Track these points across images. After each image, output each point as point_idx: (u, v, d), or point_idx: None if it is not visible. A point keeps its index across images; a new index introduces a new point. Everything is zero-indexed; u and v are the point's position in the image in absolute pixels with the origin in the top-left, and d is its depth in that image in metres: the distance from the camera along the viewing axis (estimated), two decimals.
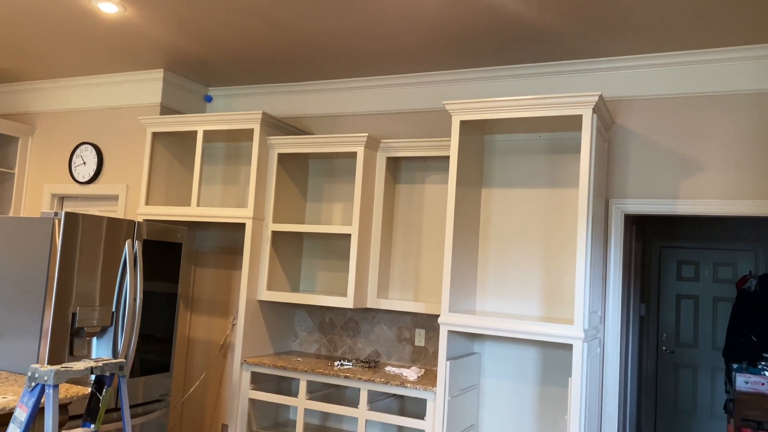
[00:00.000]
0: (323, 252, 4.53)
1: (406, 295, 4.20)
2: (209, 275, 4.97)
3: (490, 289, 3.88)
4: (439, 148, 3.93)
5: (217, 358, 4.85)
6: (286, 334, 4.52)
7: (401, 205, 4.28)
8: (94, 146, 5.03)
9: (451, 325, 3.45)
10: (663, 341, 6.73)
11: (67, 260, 3.09)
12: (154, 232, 3.61)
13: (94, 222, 3.23)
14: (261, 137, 4.21)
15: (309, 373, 3.82)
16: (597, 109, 3.30)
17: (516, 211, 3.88)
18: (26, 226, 3.13)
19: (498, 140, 3.97)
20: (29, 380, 2.04)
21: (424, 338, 4.16)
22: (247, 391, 4.02)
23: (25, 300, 3.07)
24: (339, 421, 4.33)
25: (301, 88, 4.77)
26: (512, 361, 3.83)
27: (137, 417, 3.48)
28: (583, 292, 3.16)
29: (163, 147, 4.66)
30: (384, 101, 4.51)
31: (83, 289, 3.18)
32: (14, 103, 5.47)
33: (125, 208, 4.82)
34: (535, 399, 3.74)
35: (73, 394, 2.57)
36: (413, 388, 3.52)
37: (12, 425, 2.03)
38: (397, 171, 4.31)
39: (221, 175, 4.92)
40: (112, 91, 5.02)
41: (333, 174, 4.55)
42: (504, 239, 3.89)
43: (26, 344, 3.03)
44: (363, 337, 4.36)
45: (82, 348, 3.17)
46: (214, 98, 5.15)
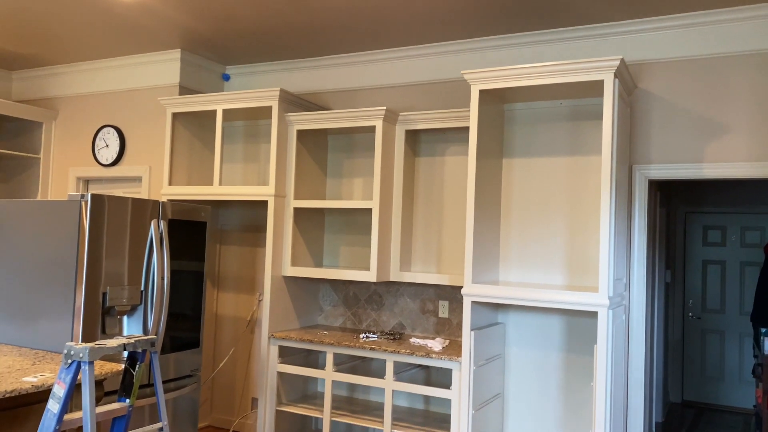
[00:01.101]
0: (345, 227, 4.56)
1: (428, 268, 4.22)
2: (234, 253, 5.03)
3: (513, 260, 3.88)
4: (459, 119, 3.90)
5: (244, 333, 4.93)
6: (312, 308, 4.58)
7: (421, 178, 4.27)
8: (116, 129, 5.08)
9: (475, 296, 3.47)
10: (689, 307, 6.68)
11: (95, 241, 3.15)
12: (179, 211, 3.65)
13: (119, 203, 3.28)
14: (279, 114, 4.22)
15: (335, 346, 3.87)
16: (618, 73, 3.24)
17: (538, 180, 3.85)
18: (54, 209, 3.19)
19: (518, 109, 3.92)
20: (65, 358, 2.11)
21: (447, 310, 4.19)
22: (275, 365, 4.10)
23: (57, 281, 3.14)
24: (366, 393, 4.39)
25: (318, 63, 4.75)
26: (537, 330, 3.84)
27: (169, 392, 3.57)
28: (607, 260, 3.14)
29: (183, 127, 4.69)
30: (402, 73, 4.47)
31: (112, 269, 3.24)
32: (37, 89, 5.54)
33: (149, 189, 4.89)
34: (560, 367, 3.76)
35: (107, 371, 2.65)
36: (438, 358, 3.55)
37: (51, 401, 2.10)
38: (416, 144, 4.29)
39: (242, 154, 4.95)
40: (131, 73, 5.05)
41: (352, 149, 4.54)
42: (526, 209, 3.87)
43: (60, 324, 3.12)
44: (387, 310, 4.39)
45: (113, 326, 3.26)
46: (231, 77, 5.16)
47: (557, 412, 3.75)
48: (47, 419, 2.08)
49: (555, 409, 3.75)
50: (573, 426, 3.70)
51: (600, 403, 3.12)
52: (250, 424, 4.87)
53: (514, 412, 3.86)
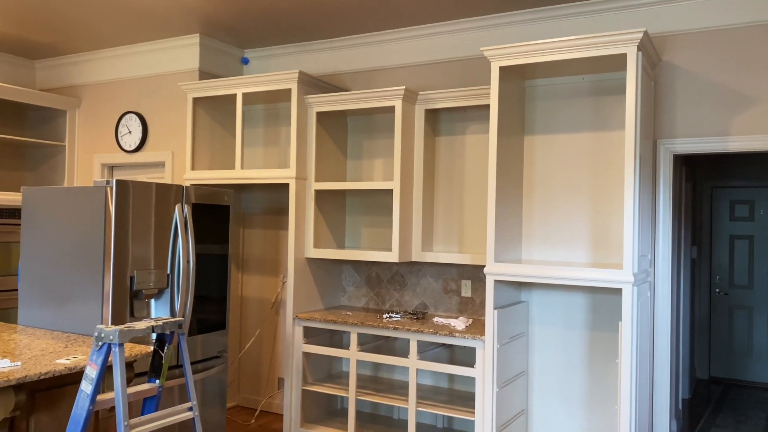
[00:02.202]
0: (366, 208, 4.57)
1: (450, 248, 4.22)
2: (257, 236, 5.08)
3: (536, 238, 3.86)
4: (479, 96, 3.87)
5: (270, 315, 5.00)
6: (335, 289, 4.62)
7: (442, 158, 4.25)
8: (138, 115, 5.13)
9: (497, 275, 3.46)
10: (716, 283, 6.59)
11: (122, 226, 3.21)
12: (202, 195, 3.69)
13: (143, 188, 3.32)
14: (299, 96, 4.22)
15: (359, 326, 3.91)
16: (642, 46, 3.18)
17: (560, 157, 3.81)
18: (80, 196, 3.25)
19: (539, 85, 3.87)
20: (96, 340, 2.16)
21: (470, 289, 4.19)
22: (300, 346, 4.15)
23: (86, 266, 3.21)
24: (390, 372, 4.43)
25: (336, 44, 4.73)
26: (561, 308, 3.82)
27: (198, 373, 3.64)
28: (631, 236, 3.11)
29: (204, 112, 4.72)
30: (420, 52, 4.44)
31: (138, 254, 3.30)
32: (60, 77, 5.61)
33: (172, 174, 4.94)
34: (585, 345, 3.75)
35: (137, 353, 2.71)
36: (462, 337, 3.56)
37: (84, 382, 2.16)
38: (436, 123, 4.27)
39: (262, 137, 4.97)
40: (152, 59, 5.08)
41: (372, 130, 4.54)
42: (549, 186, 3.84)
43: (90, 308, 3.19)
44: (410, 290, 4.41)
45: (141, 309, 3.32)
46: (250, 60, 5.17)
47: (582, 389, 3.75)
48: (81, 399, 2.14)
49: (580, 387, 3.75)
50: (598, 403, 3.70)
51: (625, 379, 3.11)
52: (276, 404, 4.95)
53: (539, 389, 3.86)
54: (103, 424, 2.78)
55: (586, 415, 3.74)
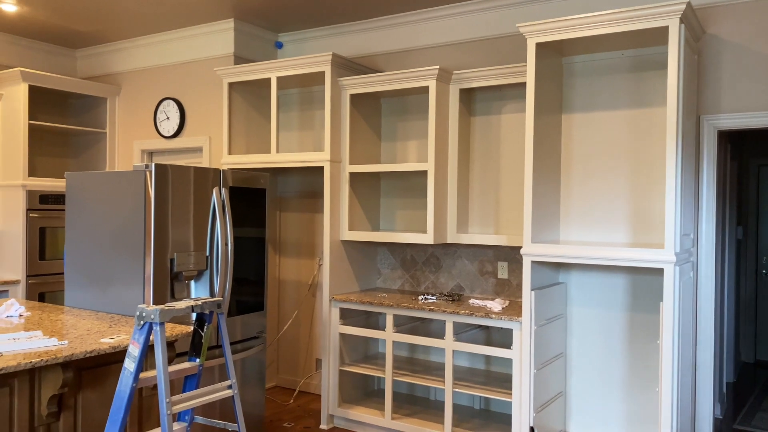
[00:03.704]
0: (401, 190, 4.55)
1: (486, 229, 4.18)
2: (294, 219, 5.13)
3: (574, 218, 3.79)
4: (515, 74, 3.80)
5: (306, 297, 5.05)
6: (370, 271, 4.63)
7: (477, 138, 4.20)
8: (175, 101, 5.21)
9: (535, 256, 3.42)
10: (763, 264, 6.39)
11: (161, 209, 3.27)
12: (239, 179, 3.74)
13: (182, 172, 3.38)
14: (332, 79, 4.21)
15: (394, 308, 3.92)
16: (685, 18, 3.06)
17: (599, 135, 3.73)
18: (121, 180, 3.32)
19: (577, 62, 3.78)
20: (138, 319, 2.21)
21: (507, 270, 4.15)
22: (337, 327, 4.19)
23: (128, 249, 3.29)
24: (426, 353, 4.44)
25: (369, 25, 4.70)
26: (600, 289, 3.76)
27: (237, 353, 3.71)
28: (673, 215, 3.03)
29: (240, 97, 4.76)
30: (454, 31, 4.38)
31: (178, 236, 3.37)
32: (99, 65, 5.73)
33: (209, 158, 5.01)
34: (624, 326, 3.68)
35: (178, 333, 2.77)
36: (498, 318, 3.54)
37: (127, 360, 2.22)
38: (471, 103, 4.21)
39: (297, 121, 5.00)
40: (188, 45, 5.14)
41: (406, 111, 4.51)
42: (587, 165, 3.76)
43: (132, 289, 3.27)
44: (445, 272, 4.40)
45: (182, 291, 3.39)
46: (284, 44, 5.18)
47: (622, 371, 3.69)
48: (125, 377, 2.21)
49: (620, 369, 3.69)
50: (638, 385, 3.64)
51: (666, 361, 3.05)
52: (314, 384, 5.02)
53: (578, 371, 3.82)
54: (147, 401, 2.86)
55: (626, 398, 3.68)
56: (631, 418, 3.67)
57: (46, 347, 2.39)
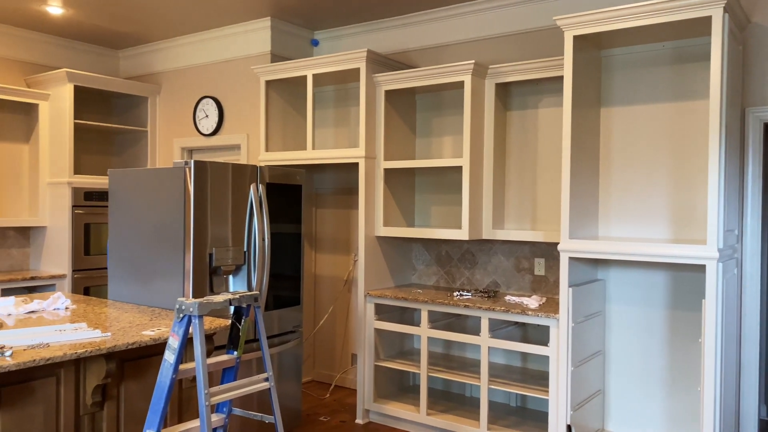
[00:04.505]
0: (436, 186, 4.54)
1: (523, 225, 4.14)
2: (329, 215, 5.17)
3: (613, 214, 3.72)
4: (552, 68, 3.75)
5: (342, 292, 5.09)
6: (405, 267, 4.64)
7: (513, 133, 4.16)
8: (214, 99, 5.30)
9: (572, 252, 3.37)
10: None
11: (200, 205, 3.34)
12: (275, 175, 3.79)
13: (220, 169, 3.44)
14: (367, 76, 4.23)
15: (429, 303, 3.91)
16: (729, 8, 2.97)
17: (639, 129, 3.65)
18: (162, 177, 3.40)
19: (616, 54, 3.71)
20: (177, 312, 2.27)
21: (544, 267, 4.11)
22: (372, 322, 4.21)
23: (169, 243, 3.37)
24: (462, 350, 4.43)
25: (404, 21, 4.70)
26: (640, 286, 3.68)
27: (274, 347, 3.76)
28: (716, 210, 2.95)
29: (276, 94, 4.82)
30: (490, 25, 4.34)
31: (217, 231, 3.43)
32: (141, 65, 5.87)
33: (247, 155, 5.09)
34: (666, 324, 3.60)
35: (216, 326, 2.83)
36: (535, 315, 3.51)
37: (167, 352, 2.27)
38: (507, 97, 4.17)
39: (333, 118, 5.03)
40: (226, 44, 5.23)
41: (441, 107, 4.49)
42: (627, 160, 3.68)
43: (173, 283, 3.35)
44: (480, 269, 4.37)
45: (220, 285, 3.46)
46: (320, 42, 5.22)
47: (663, 370, 3.61)
48: (165, 368, 2.26)
49: (660, 368, 3.62)
50: (680, 385, 3.56)
51: (709, 360, 2.97)
52: (350, 379, 5.06)
53: (616, 369, 3.75)
54: (186, 393, 2.93)
55: (667, 397, 3.60)
56: (673, 418, 3.59)
57: (91, 339, 2.47)
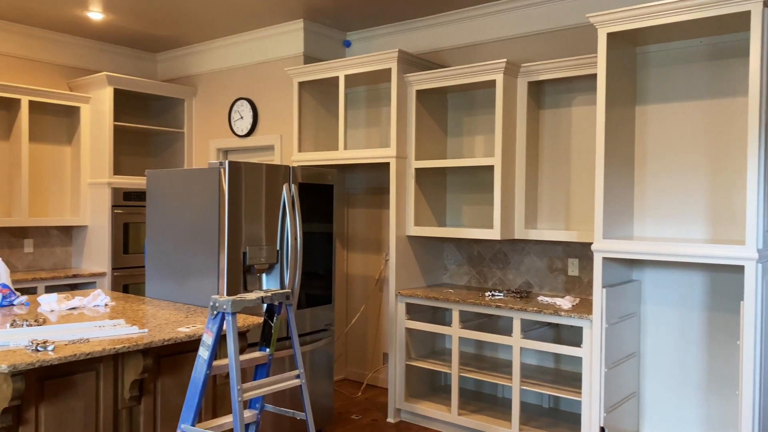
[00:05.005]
0: (467, 186, 4.53)
1: (556, 225, 4.10)
2: (361, 215, 5.20)
3: (649, 214, 3.66)
4: (585, 66, 3.70)
5: (373, 291, 5.11)
6: (436, 267, 4.64)
7: (546, 131, 4.12)
8: (248, 101, 5.39)
9: (606, 252, 3.33)
10: None
11: (235, 205, 3.40)
12: (307, 175, 3.83)
13: (254, 169, 3.50)
14: (398, 76, 4.24)
15: (461, 303, 3.90)
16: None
17: (675, 127, 3.58)
18: (197, 177, 3.47)
19: (652, 51, 3.64)
20: (211, 309, 2.32)
21: (577, 267, 4.06)
22: (403, 322, 4.22)
23: (204, 243, 3.44)
24: (494, 350, 4.40)
25: (435, 21, 4.70)
26: (676, 287, 3.61)
27: (306, 345, 3.81)
28: (755, 209, 2.88)
29: (309, 95, 4.87)
30: (522, 23, 4.31)
31: (250, 231, 3.49)
32: (178, 68, 6.00)
33: (281, 156, 5.15)
34: (702, 326, 3.53)
35: (249, 323, 2.88)
36: (567, 316, 3.47)
37: (202, 348, 2.33)
38: (540, 96, 4.14)
39: (364, 118, 5.06)
40: (259, 46, 5.30)
41: (473, 106, 4.48)
42: (663, 158, 3.62)
43: (208, 281, 3.42)
44: (513, 269, 4.34)
45: (253, 283, 3.52)
46: (352, 42, 5.25)
47: (700, 372, 3.53)
48: (199, 364, 2.32)
49: (697, 370, 3.54)
50: (717, 388, 3.48)
51: (747, 363, 2.90)
52: (382, 378, 5.08)
53: (652, 371, 3.69)
54: (220, 389, 2.99)
55: (704, 401, 3.52)
56: (710, 421, 3.51)
57: (128, 335, 2.54)
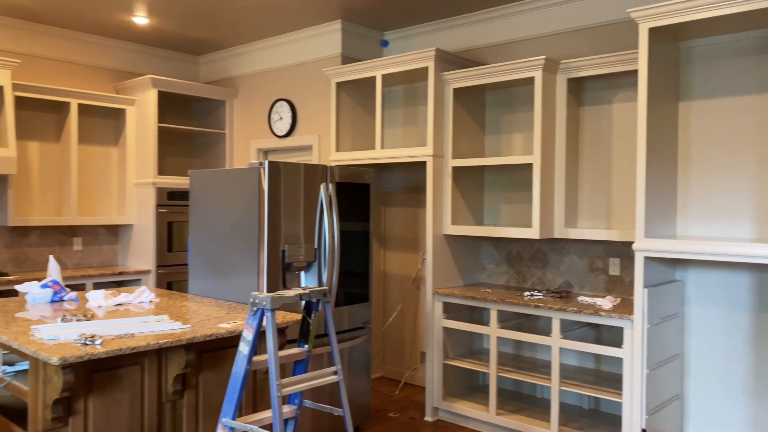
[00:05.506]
0: (506, 184, 4.50)
1: (597, 224, 4.03)
2: (398, 214, 5.21)
3: (693, 212, 3.57)
4: (626, 62, 3.64)
5: (411, 290, 5.12)
6: (474, 266, 4.62)
7: (587, 129, 4.06)
8: (288, 102, 5.46)
9: (648, 251, 3.26)
10: None
11: (274, 204, 3.45)
12: (345, 175, 3.86)
13: (293, 169, 3.55)
14: (435, 74, 4.24)
15: (499, 303, 3.88)
16: None
17: (722, 123, 3.48)
18: (238, 177, 3.54)
19: (696, 45, 3.55)
20: (251, 306, 2.36)
21: (619, 267, 3.99)
22: (440, 321, 4.22)
23: (244, 241, 3.51)
24: (533, 350, 4.36)
25: (473, 18, 4.68)
26: (721, 287, 3.51)
27: (343, 342, 3.84)
28: None
29: (347, 95, 4.91)
30: (561, 19, 4.25)
31: (289, 229, 3.54)
32: (219, 70, 6.12)
33: (319, 156, 5.21)
34: (750, 328, 3.42)
35: (288, 320, 2.93)
36: (608, 316, 3.41)
37: (242, 344, 2.38)
38: (580, 93, 4.08)
39: (401, 117, 5.07)
40: (298, 48, 5.37)
41: (511, 104, 4.44)
42: (708, 155, 3.52)
43: (248, 279, 3.49)
44: (552, 268, 4.29)
45: (292, 281, 3.57)
46: (389, 42, 5.27)
47: (746, 375, 3.43)
48: (239, 360, 2.36)
49: (744, 373, 3.44)
50: (765, 391, 3.37)
51: None
52: (419, 377, 5.08)
53: (696, 374, 3.60)
54: (260, 384, 3.04)
55: (752, 404, 3.42)
56: (758, 426, 3.40)
57: (172, 330, 2.61)
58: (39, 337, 2.42)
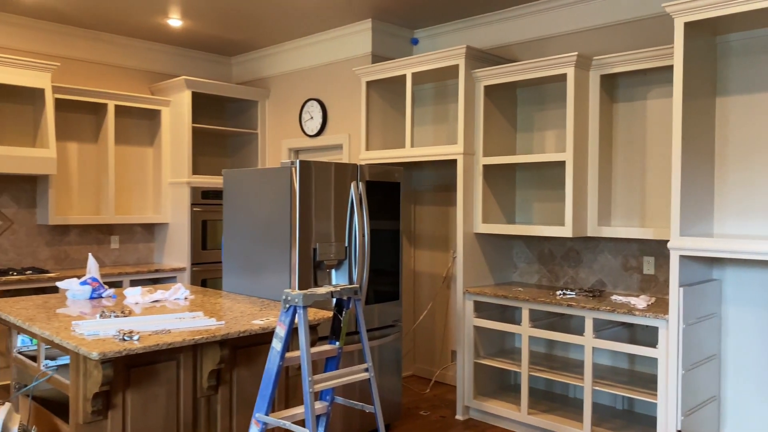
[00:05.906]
0: (537, 182, 4.46)
1: (631, 222, 3.97)
2: (428, 212, 5.21)
3: (730, 210, 3.49)
4: (661, 57, 3.57)
5: (441, 288, 5.12)
6: (505, 265, 4.59)
7: (620, 125, 4.00)
8: (318, 101, 5.50)
9: (683, 250, 3.20)
10: None
11: (305, 202, 3.49)
12: (375, 173, 3.88)
13: (323, 168, 3.58)
14: (466, 72, 4.22)
15: (531, 302, 3.85)
16: None
17: (761, 119, 3.39)
18: (269, 176, 3.59)
19: (734, 39, 3.47)
20: (284, 303, 2.40)
21: (653, 266, 3.92)
22: (471, 320, 4.20)
23: (276, 239, 3.55)
24: (565, 350, 4.32)
25: (504, 15, 4.65)
26: (761, 287, 3.43)
27: (374, 340, 3.86)
28: None
29: (377, 94, 4.93)
30: (593, 15, 4.20)
31: (320, 228, 3.57)
32: (251, 71, 6.20)
33: (349, 155, 5.24)
34: None
35: (320, 317, 2.96)
36: (642, 315, 3.36)
37: (275, 340, 2.41)
38: (613, 89, 4.02)
39: (431, 115, 5.07)
40: (329, 47, 5.41)
41: (543, 101, 4.40)
42: (747, 151, 3.44)
43: (280, 277, 3.53)
44: (585, 267, 4.24)
45: (323, 279, 3.60)
46: (419, 40, 5.27)
47: None
48: (272, 356, 2.40)
49: None
50: None
51: None
52: (450, 375, 5.08)
53: (734, 375, 3.52)
54: (292, 381, 3.08)
55: None
56: None
57: (207, 326, 2.66)
58: (79, 333, 2.49)
